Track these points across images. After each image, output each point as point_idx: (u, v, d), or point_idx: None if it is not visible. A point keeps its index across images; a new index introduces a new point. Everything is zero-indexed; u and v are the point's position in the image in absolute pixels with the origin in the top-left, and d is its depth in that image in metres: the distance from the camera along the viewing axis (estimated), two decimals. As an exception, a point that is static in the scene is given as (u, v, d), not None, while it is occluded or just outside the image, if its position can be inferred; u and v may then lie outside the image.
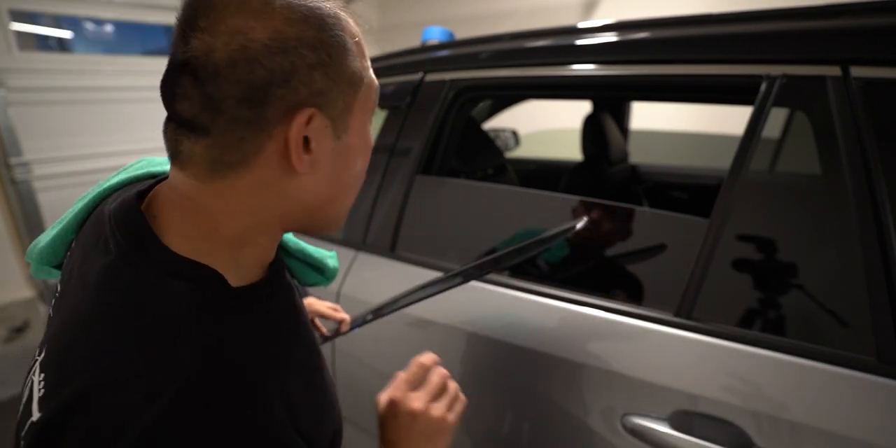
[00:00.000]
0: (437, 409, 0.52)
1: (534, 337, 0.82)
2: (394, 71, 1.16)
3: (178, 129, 0.38)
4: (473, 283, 0.91)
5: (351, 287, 1.07)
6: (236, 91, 0.36)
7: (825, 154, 0.64)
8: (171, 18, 2.90)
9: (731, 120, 1.39)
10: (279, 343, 0.43)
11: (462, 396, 0.57)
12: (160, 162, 0.54)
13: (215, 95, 0.36)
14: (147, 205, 0.42)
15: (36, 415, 0.35)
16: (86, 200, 0.49)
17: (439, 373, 0.56)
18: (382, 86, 1.16)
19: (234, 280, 0.41)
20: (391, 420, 0.52)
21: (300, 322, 0.48)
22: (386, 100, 1.15)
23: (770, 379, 0.63)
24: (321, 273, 0.66)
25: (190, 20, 0.36)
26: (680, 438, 0.66)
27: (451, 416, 0.53)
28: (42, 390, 0.37)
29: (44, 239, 0.51)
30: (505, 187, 1.03)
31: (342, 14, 0.41)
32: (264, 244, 0.44)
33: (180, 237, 0.40)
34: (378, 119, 1.17)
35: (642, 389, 0.70)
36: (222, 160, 0.38)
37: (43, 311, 2.56)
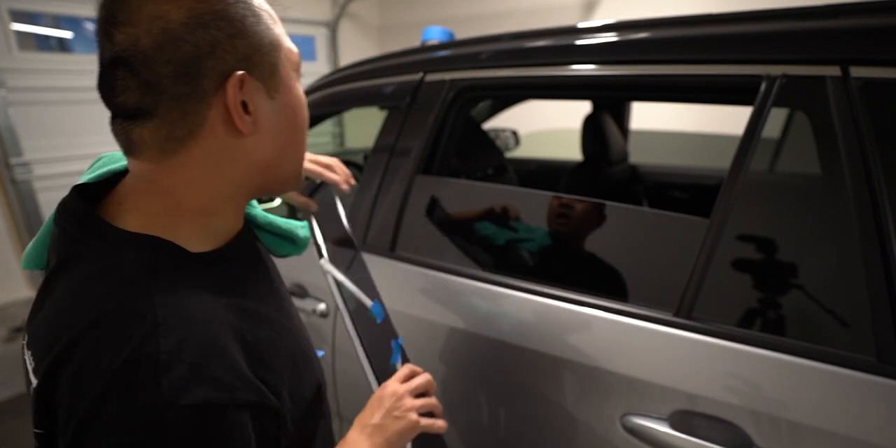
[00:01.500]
0: (411, 400, 0.62)
1: (533, 337, 0.82)
2: (394, 71, 1.16)
3: (123, 122, 0.42)
4: (475, 284, 0.91)
5: (351, 287, 1.08)
6: (170, 70, 0.39)
7: (825, 154, 0.64)
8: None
9: (730, 120, 1.39)
10: (242, 297, 0.45)
11: (437, 407, 0.66)
12: (120, 157, 0.55)
13: (151, 79, 0.39)
14: (114, 194, 0.46)
15: (34, 382, 0.40)
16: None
17: (426, 377, 0.66)
18: (382, 86, 1.16)
19: (205, 247, 0.46)
20: (374, 399, 0.63)
21: (266, 282, 0.52)
22: (386, 100, 1.15)
23: (770, 379, 0.63)
24: (293, 243, 0.69)
25: (109, 18, 0.39)
26: (680, 438, 0.66)
27: (416, 415, 0.61)
28: (33, 363, 0.41)
29: (29, 245, 0.55)
30: (505, 187, 1.03)
31: None
32: (230, 211, 0.48)
33: (144, 215, 0.44)
34: (378, 119, 1.17)
35: (642, 389, 0.70)
36: (172, 137, 0.41)
37: (43, 311, 2.56)
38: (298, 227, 0.69)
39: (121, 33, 0.38)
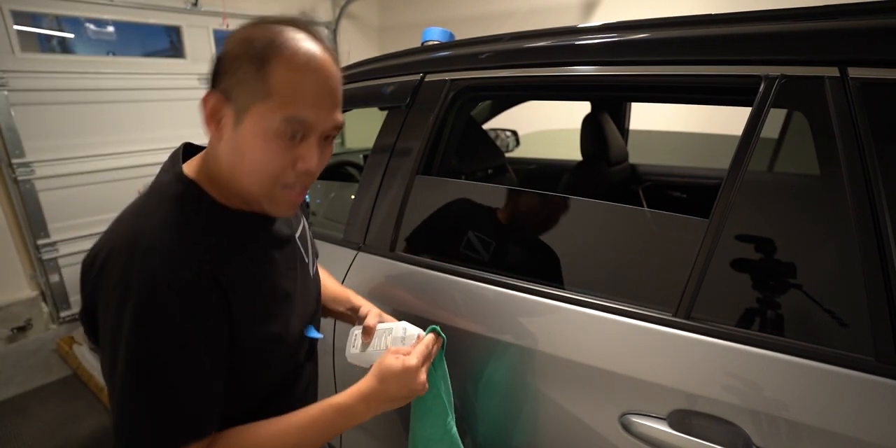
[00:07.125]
0: (423, 374, 0.70)
1: (533, 336, 0.82)
2: (394, 71, 1.16)
3: None
4: (475, 284, 0.91)
5: (350, 287, 1.08)
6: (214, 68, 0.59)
7: (823, 154, 0.65)
8: (171, 19, 2.88)
9: (730, 120, 1.39)
10: (232, 252, 0.60)
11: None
12: None
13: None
14: None
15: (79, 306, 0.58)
16: None
17: (434, 341, 0.76)
18: (382, 86, 1.17)
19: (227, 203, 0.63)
20: (398, 373, 0.67)
21: (271, 254, 0.67)
22: (386, 100, 1.15)
23: (769, 379, 0.63)
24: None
25: None
26: (679, 438, 0.66)
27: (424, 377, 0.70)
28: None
29: None
30: (505, 187, 1.03)
31: (289, 52, 0.55)
32: (238, 189, 0.61)
33: (197, 168, 0.63)
34: (378, 119, 1.18)
35: (641, 389, 0.71)
36: None
37: (45, 311, 2.56)
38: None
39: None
